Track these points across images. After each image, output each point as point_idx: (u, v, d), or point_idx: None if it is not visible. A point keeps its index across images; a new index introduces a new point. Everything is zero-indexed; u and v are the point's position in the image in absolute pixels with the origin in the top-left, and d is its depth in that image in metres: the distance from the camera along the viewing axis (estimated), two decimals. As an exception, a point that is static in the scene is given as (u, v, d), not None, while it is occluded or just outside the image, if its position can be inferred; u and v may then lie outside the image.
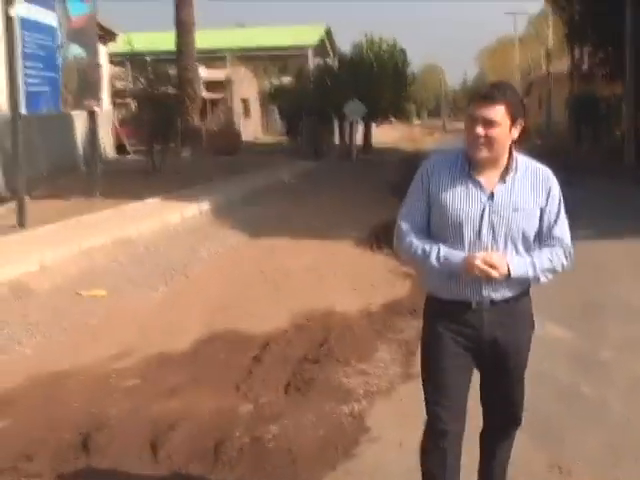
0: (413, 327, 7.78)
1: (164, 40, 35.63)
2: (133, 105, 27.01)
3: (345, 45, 47.77)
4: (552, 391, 6.11)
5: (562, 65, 44.87)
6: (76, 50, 15.11)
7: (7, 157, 16.08)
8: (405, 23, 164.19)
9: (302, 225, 14.59)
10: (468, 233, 3.52)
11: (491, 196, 3.51)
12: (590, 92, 33.52)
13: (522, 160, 3.60)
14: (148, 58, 25.16)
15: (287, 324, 8.06)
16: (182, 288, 9.95)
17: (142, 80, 22.57)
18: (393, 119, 47.63)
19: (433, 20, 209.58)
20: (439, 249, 3.55)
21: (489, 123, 3.39)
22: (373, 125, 41.39)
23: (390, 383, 6.42)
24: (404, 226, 3.69)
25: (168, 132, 23.35)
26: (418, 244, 3.62)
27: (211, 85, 44.26)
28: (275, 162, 28.62)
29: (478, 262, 3.41)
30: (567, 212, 3.66)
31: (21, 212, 12.54)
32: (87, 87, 15.88)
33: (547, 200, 3.61)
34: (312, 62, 49.99)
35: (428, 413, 3.73)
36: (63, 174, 20.52)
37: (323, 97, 34.92)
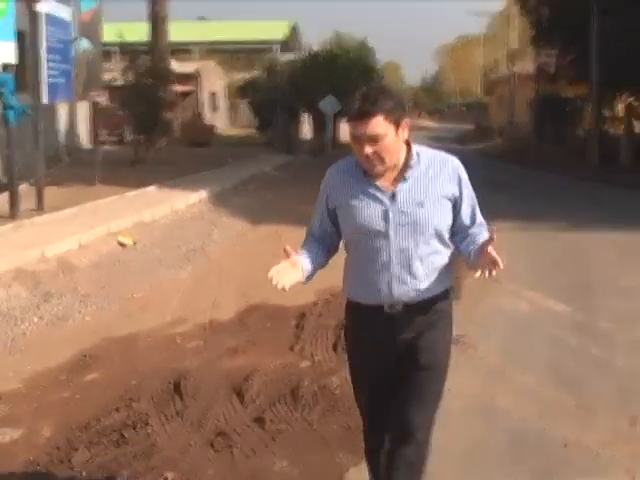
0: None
1: (133, 31, 36.04)
2: (105, 98, 27.43)
3: (310, 42, 48.74)
4: (566, 352, 7.08)
5: (525, 65, 46.14)
6: (85, 43, 15.87)
7: (2, 144, 16.71)
8: (365, 20, 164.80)
9: (294, 212, 15.44)
10: (376, 237, 3.40)
11: (392, 196, 3.38)
12: (554, 93, 34.79)
13: (426, 153, 3.47)
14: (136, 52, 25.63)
15: (315, 298, 8.89)
16: (207, 267, 10.81)
17: (130, 73, 23.11)
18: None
19: (393, 16, 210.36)
20: (305, 248, 3.60)
21: (373, 139, 3.24)
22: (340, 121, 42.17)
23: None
24: (308, 232, 3.70)
25: (154, 125, 24.00)
26: (305, 243, 3.65)
27: (180, 78, 44.77)
28: (251, 155, 29.36)
29: (271, 274, 3.38)
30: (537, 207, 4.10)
31: (40, 198, 13.28)
32: (93, 78, 16.64)
33: (460, 188, 3.47)
34: (279, 57, 50.60)
35: (361, 415, 3.83)
36: (49, 164, 21.12)
37: (296, 92, 35.65)
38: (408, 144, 3.43)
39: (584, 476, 4.68)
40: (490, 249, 3.19)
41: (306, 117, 42.68)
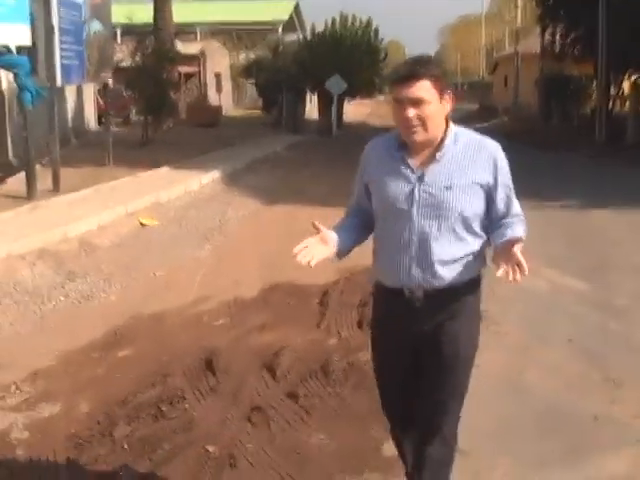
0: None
1: (142, 13, 35.98)
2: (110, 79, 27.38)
3: (311, 21, 48.64)
4: (587, 328, 7.19)
5: (529, 44, 46.04)
6: (96, 25, 15.91)
7: (15, 127, 16.80)
8: (368, 2, 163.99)
9: (307, 191, 15.56)
10: (400, 216, 3.32)
11: (421, 176, 3.29)
12: (560, 71, 34.79)
13: (465, 135, 3.37)
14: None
15: (336, 277, 8.99)
16: (225, 246, 10.92)
17: (139, 54, 23.12)
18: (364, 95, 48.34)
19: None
20: (342, 223, 3.59)
21: (418, 102, 3.16)
22: (345, 101, 42.21)
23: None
24: (348, 206, 3.68)
25: (161, 106, 24.03)
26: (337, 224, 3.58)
27: (184, 59, 44.68)
28: (258, 135, 29.38)
29: (297, 250, 3.31)
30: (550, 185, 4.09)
31: (55, 179, 13.38)
32: (104, 60, 16.70)
33: (495, 177, 3.34)
34: (280, 37, 50.55)
35: (382, 404, 3.79)
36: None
37: (302, 72, 35.69)
38: (447, 123, 3.32)
39: (616, 447, 4.78)
40: (516, 249, 3.08)
41: (311, 97, 42.68)
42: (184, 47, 45.00)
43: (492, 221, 3.39)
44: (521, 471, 4.50)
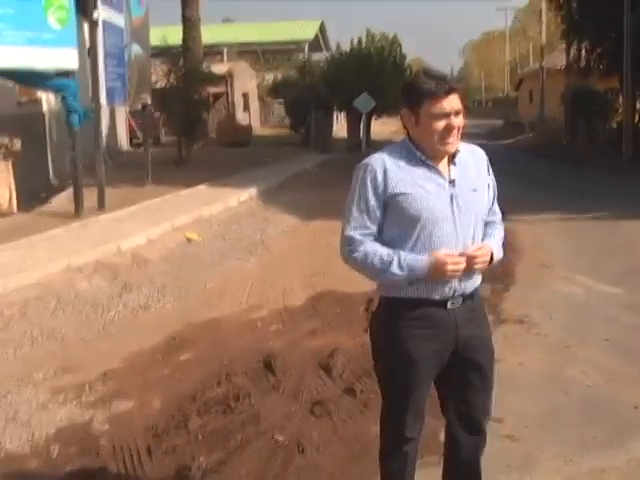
0: (486, 288, 9.18)
1: (170, 34, 36.61)
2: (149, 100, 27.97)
3: (335, 40, 49.57)
4: (623, 330, 7.54)
5: (553, 60, 46.38)
6: (136, 48, 16.50)
7: (55, 148, 17.37)
8: (391, 20, 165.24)
9: (341, 207, 15.95)
10: (443, 224, 3.38)
11: (453, 181, 3.42)
12: (586, 86, 35.07)
13: (461, 143, 3.54)
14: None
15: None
16: (269, 259, 11.36)
17: (173, 76, 23.71)
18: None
19: (418, 16, 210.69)
20: (400, 255, 3.37)
21: (458, 112, 3.36)
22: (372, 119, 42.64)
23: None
24: (355, 234, 3.48)
25: (196, 126, 24.60)
26: (374, 253, 3.41)
27: (212, 79, 45.30)
28: (289, 154, 29.86)
29: (450, 265, 3.33)
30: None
31: (101, 197, 13.92)
32: (143, 82, 17.27)
33: (489, 176, 3.62)
34: (308, 57, 51.06)
35: (391, 422, 3.70)
36: (93, 166, 21.80)
37: (330, 90, 36.18)
38: None
39: (656, 433, 5.16)
40: (478, 251, 3.40)
41: (338, 115, 43.14)
42: (212, 68, 45.77)
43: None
44: (568, 454, 4.87)
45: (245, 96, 49.27)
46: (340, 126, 43.70)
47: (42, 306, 8.29)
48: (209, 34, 43.49)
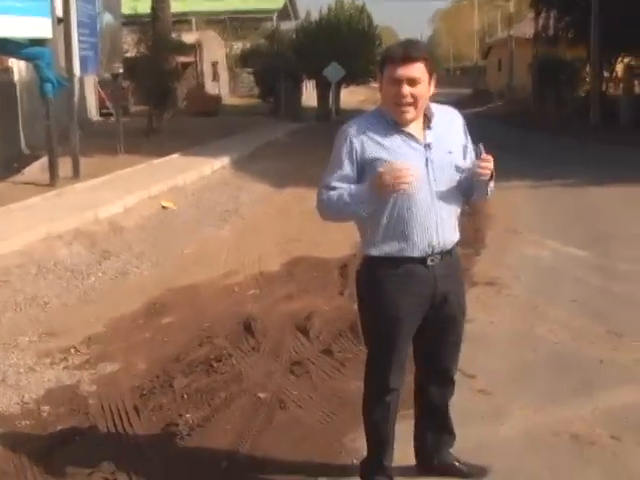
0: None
1: (140, 3, 36.30)
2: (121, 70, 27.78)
3: (304, 9, 49.40)
4: (590, 290, 7.82)
5: (522, 29, 46.63)
6: (107, 17, 16.50)
7: (26, 117, 17.37)
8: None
9: (313, 175, 16.12)
10: (417, 187, 3.49)
11: (427, 145, 3.55)
12: (554, 55, 35.37)
13: (435, 107, 3.66)
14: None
15: (351, 252, 9.55)
16: (243, 226, 11.55)
17: (143, 45, 23.68)
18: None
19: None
20: (349, 186, 3.55)
21: (413, 81, 3.42)
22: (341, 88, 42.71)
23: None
24: (326, 188, 3.65)
25: (164, 96, 24.59)
26: (335, 194, 3.58)
27: (181, 48, 45.01)
28: (259, 123, 29.96)
29: (387, 176, 3.38)
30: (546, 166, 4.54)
31: (76, 166, 14.00)
32: (115, 51, 17.29)
33: (465, 135, 3.74)
34: (277, 25, 50.88)
35: (375, 373, 3.87)
36: (65, 136, 21.79)
37: (299, 59, 36.21)
38: None
39: (620, 385, 5.43)
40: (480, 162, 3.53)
41: (306, 84, 43.20)
42: (181, 37, 45.47)
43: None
44: (536, 404, 5.13)
45: (214, 65, 49.06)
46: (309, 95, 43.77)
47: (24, 273, 8.44)
48: (178, 3, 43.20)
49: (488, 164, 3.53)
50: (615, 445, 4.53)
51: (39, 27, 12.48)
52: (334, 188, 3.60)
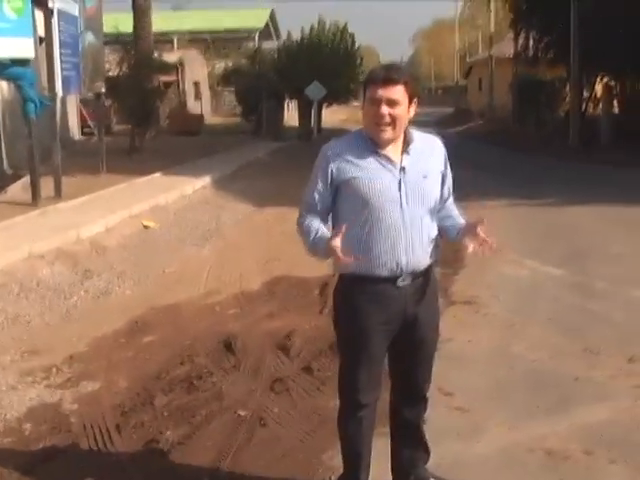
0: (436, 272, 9.52)
1: (121, 22, 36.43)
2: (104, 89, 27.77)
3: (286, 29, 49.70)
4: (567, 308, 7.93)
5: (502, 48, 47.01)
6: (90, 37, 16.60)
7: (8, 137, 17.38)
8: (341, 7, 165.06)
9: (293, 194, 16.22)
10: (391, 208, 3.62)
11: (402, 168, 3.65)
12: (534, 75, 35.69)
13: (416, 132, 3.78)
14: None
15: (331, 271, 9.64)
16: (224, 246, 11.62)
17: (125, 64, 23.78)
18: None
19: (368, 3, 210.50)
20: (318, 231, 3.68)
21: (392, 103, 3.53)
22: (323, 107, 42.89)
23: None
24: (304, 210, 3.82)
25: (146, 115, 24.68)
26: (309, 225, 3.73)
27: (163, 67, 45.13)
28: (240, 142, 30.01)
29: (336, 249, 3.47)
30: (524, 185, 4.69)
31: (58, 186, 14.03)
32: (97, 70, 17.38)
33: (446, 164, 3.84)
34: (259, 45, 51.16)
35: (346, 387, 3.96)
36: (47, 155, 21.80)
37: (281, 79, 36.39)
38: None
39: (595, 401, 5.53)
40: (480, 230, 3.66)
41: (289, 103, 43.38)
42: (163, 56, 45.57)
43: (438, 204, 3.84)
44: (513, 421, 5.23)
45: (196, 85, 49.19)
46: (291, 114, 43.93)
47: (6, 293, 8.46)
48: (159, 22, 43.27)
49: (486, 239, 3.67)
50: (588, 460, 4.63)
51: (21, 47, 12.52)
52: (312, 205, 3.78)
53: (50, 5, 13.47)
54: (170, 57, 44.22)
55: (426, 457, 4.24)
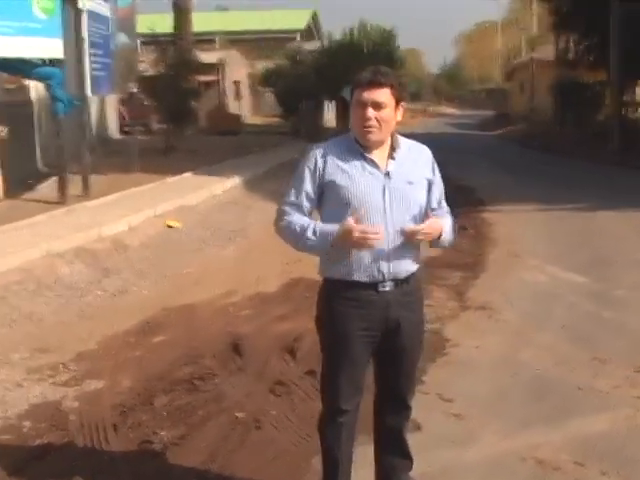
0: (456, 276, 9.48)
1: (164, 23, 36.72)
2: (135, 89, 28.00)
3: (330, 29, 49.90)
4: (582, 316, 7.82)
5: (544, 52, 46.58)
6: (122, 37, 16.74)
7: (43, 135, 17.56)
8: (384, 7, 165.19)
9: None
10: (374, 213, 3.62)
11: (387, 173, 3.66)
12: (575, 78, 35.33)
13: (404, 139, 3.80)
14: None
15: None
16: (247, 247, 11.65)
17: (161, 64, 23.95)
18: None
19: (412, 5, 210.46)
20: (316, 224, 3.67)
21: (378, 105, 3.56)
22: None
23: (452, 311, 8.06)
24: (286, 207, 3.78)
25: (183, 114, 24.84)
26: (296, 222, 3.70)
27: (203, 67, 45.38)
28: (277, 143, 30.10)
29: (357, 233, 3.50)
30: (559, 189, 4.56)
31: (85, 184, 14.18)
32: (129, 71, 17.52)
33: (433, 172, 3.83)
34: (299, 46, 51.20)
35: (327, 392, 4.00)
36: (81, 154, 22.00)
37: (321, 80, 36.41)
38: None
39: (595, 412, 5.44)
40: (427, 224, 3.63)
41: (329, 105, 43.41)
42: (203, 56, 45.82)
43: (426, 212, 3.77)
44: (508, 430, 5.16)
45: (237, 84, 49.38)
46: (331, 115, 43.93)
47: (22, 290, 8.54)
48: (201, 22, 43.63)
49: (426, 231, 3.63)
50: (578, 471, 4.56)
51: (51, 48, 12.68)
52: (296, 205, 3.75)
53: (80, 6, 13.56)
54: (211, 57, 44.50)
55: (409, 464, 4.19)
